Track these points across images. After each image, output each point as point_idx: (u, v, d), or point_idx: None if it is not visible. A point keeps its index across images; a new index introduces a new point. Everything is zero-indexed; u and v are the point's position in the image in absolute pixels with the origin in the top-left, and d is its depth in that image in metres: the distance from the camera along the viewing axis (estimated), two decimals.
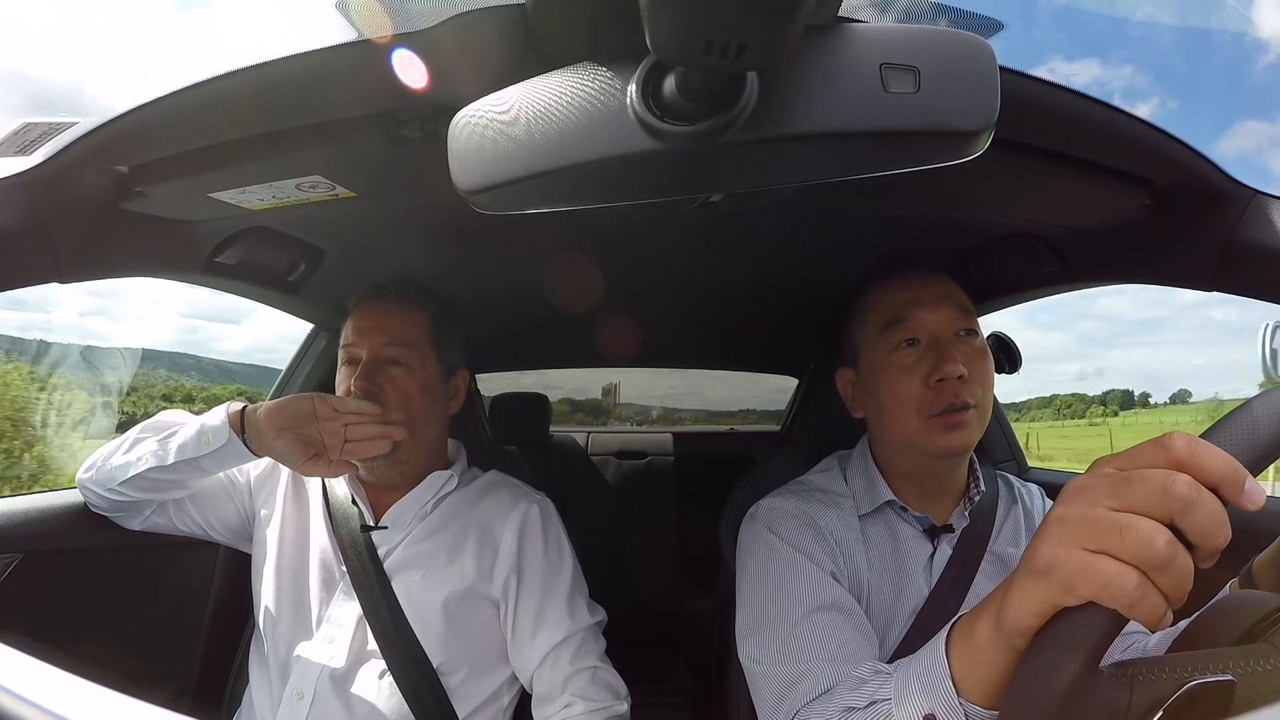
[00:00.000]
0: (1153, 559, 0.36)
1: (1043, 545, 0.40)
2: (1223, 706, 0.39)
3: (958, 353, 0.76)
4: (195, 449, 0.84)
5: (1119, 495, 0.38)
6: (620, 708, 0.88)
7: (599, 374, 3.33)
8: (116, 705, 0.30)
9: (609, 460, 2.35)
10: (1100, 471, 0.41)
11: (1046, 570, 0.40)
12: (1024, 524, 0.86)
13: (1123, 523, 0.37)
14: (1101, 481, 0.40)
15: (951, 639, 0.50)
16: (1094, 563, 0.37)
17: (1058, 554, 0.39)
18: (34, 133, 0.64)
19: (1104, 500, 0.39)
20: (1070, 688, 0.37)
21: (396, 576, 0.90)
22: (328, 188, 0.72)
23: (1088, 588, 0.37)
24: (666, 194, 0.42)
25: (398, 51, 0.50)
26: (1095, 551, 0.38)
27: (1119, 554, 0.37)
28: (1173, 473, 0.37)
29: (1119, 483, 0.39)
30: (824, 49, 0.36)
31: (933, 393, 0.76)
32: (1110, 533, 0.37)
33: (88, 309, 49.81)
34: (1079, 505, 0.40)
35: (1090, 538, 0.38)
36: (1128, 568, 0.36)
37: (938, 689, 0.48)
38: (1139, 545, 0.36)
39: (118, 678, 0.30)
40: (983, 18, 0.45)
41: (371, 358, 0.92)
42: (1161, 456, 0.38)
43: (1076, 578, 0.38)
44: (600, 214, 0.73)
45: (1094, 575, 0.37)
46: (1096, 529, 0.38)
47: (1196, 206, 0.66)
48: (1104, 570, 0.37)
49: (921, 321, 0.78)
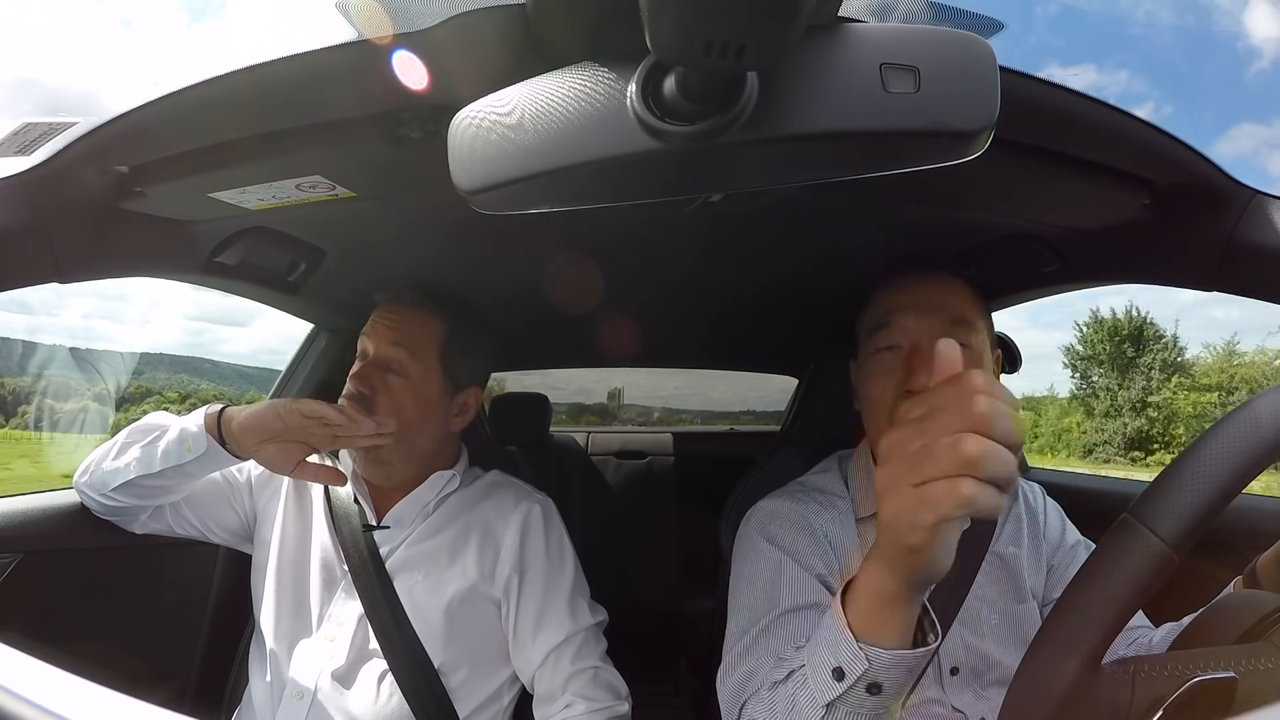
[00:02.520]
0: (969, 458, 0.41)
1: (881, 508, 0.46)
2: (1225, 704, 0.39)
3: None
4: (178, 456, 0.84)
5: (917, 436, 0.44)
6: (621, 708, 0.88)
7: (603, 377, 3.34)
8: (116, 705, 0.30)
9: (609, 460, 2.35)
10: (892, 436, 0.46)
11: (892, 521, 0.45)
12: (1025, 522, 0.86)
13: (928, 448, 0.42)
14: (898, 436, 0.45)
15: (844, 603, 0.53)
16: (924, 490, 0.42)
17: (891, 504, 0.44)
18: (34, 133, 0.64)
19: (910, 442, 0.44)
20: (1070, 687, 0.37)
21: (398, 576, 0.90)
22: (328, 188, 0.71)
23: (932, 512, 0.42)
24: (667, 194, 0.42)
25: (398, 52, 0.49)
26: (919, 483, 0.42)
27: (940, 473, 0.42)
28: (971, 395, 0.42)
29: (912, 429, 0.44)
30: (824, 49, 0.36)
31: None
32: (922, 461, 0.42)
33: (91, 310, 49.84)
34: (890, 462, 0.45)
35: (911, 472, 0.43)
36: (954, 478, 0.41)
37: (839, 641, 0.51)
38: (951, 456, 0.41)
39: (118, 678, 0.30)
40: (983, 18, 0.45)
41: (376, 357, 0.92)
42: (950, 389, 0.44)
43: (918, 510, 0.42)
44: (600, 214, 0.73)
45: (930, 498, 0.42)
46: (911, 464, 0.43)
47: (1196, 206, 0.66)
48: (935, 490, 0.42)
49: (904, 328, 0.77)
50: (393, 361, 0.92)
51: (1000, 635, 0.79)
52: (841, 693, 0.50)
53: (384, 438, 0.87)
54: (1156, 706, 0.38)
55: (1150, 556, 0.43)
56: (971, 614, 0.79)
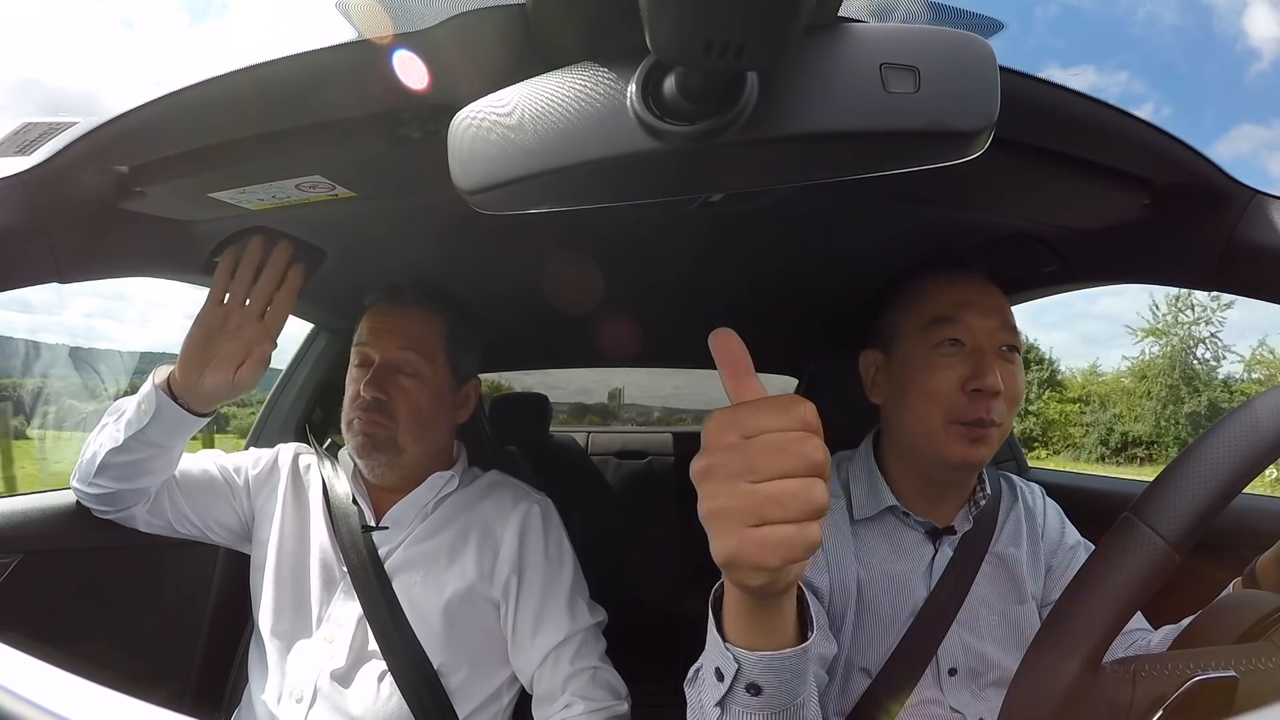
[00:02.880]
0: (821, 507, 0.39)
1: (715, 543, 0.41)
2: (1225, 703, 0.39)
3: (999, 367, 0.75)
4: (138, 421, 0.81)
5: (757, 469, 0.39)
6: (620, 708, 0.88)
7: (603, 378, 3.35)
8: (116, 705, 0.30)
9: (609, 460, 2.35)
10: (721, 444, 0.41)
11: (730, 564, 0.41)
12: (1025, 523, 0.86)
13: (778, 493, 0.39)
14: (729, 458, 0.40)
15: (716, 602, 0.52)
16: (767, 533, 0.39)
17: (729, 545, 0.40)
18: (34, 133, 0.64)
19: (744, 476, 0.39)
20: (1071, 687, 0.37)
21: (397, 577, 0.90)
22: (328, 188, 0.71)
23: (777, 558, 0.39)
24: (666, 194, 0.42)
25: (398, 52, 0.49)
26: (759, 525, 0.39)
27: (786, 519, 0.39)
28: (807, 436, 0.40)
29: (753, 455, 0.40)
30: (824, 49, 0.36)
31: (965, 399, 0.75)
32: (769, 506, 0.39)
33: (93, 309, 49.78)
34: (722, 490, 0.40)
35: (748, 514, 0.39)
36: (798, 525, 0.39)
37: (712, 643, 0.51)
38: (805, 505, 0.38)
39: (118, 678, 0.30)
40: (983, 18, 0.45)
41: (384, 362, 0.91)
42: (779, 418, 0.40)
43: (762, 555, 0.39)
44: (600, 214, 0.73)
45: (775, 544, 0.39)
46: (747, 506, 0.39)
47: (1196, 206, 0.66)
48: (782, 535, 0.39)
49: (970, 325, 0.77)
50: (404, 364, 0.92)
51: (999, 636, 0.79)
52: (724, 693, 0.49)
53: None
54: (1157, 706, 0.38)
55: (1151, 555, 0.43)
56: (970, 615, 0.79)
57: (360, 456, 0.93)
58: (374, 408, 0.89)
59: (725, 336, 0.46)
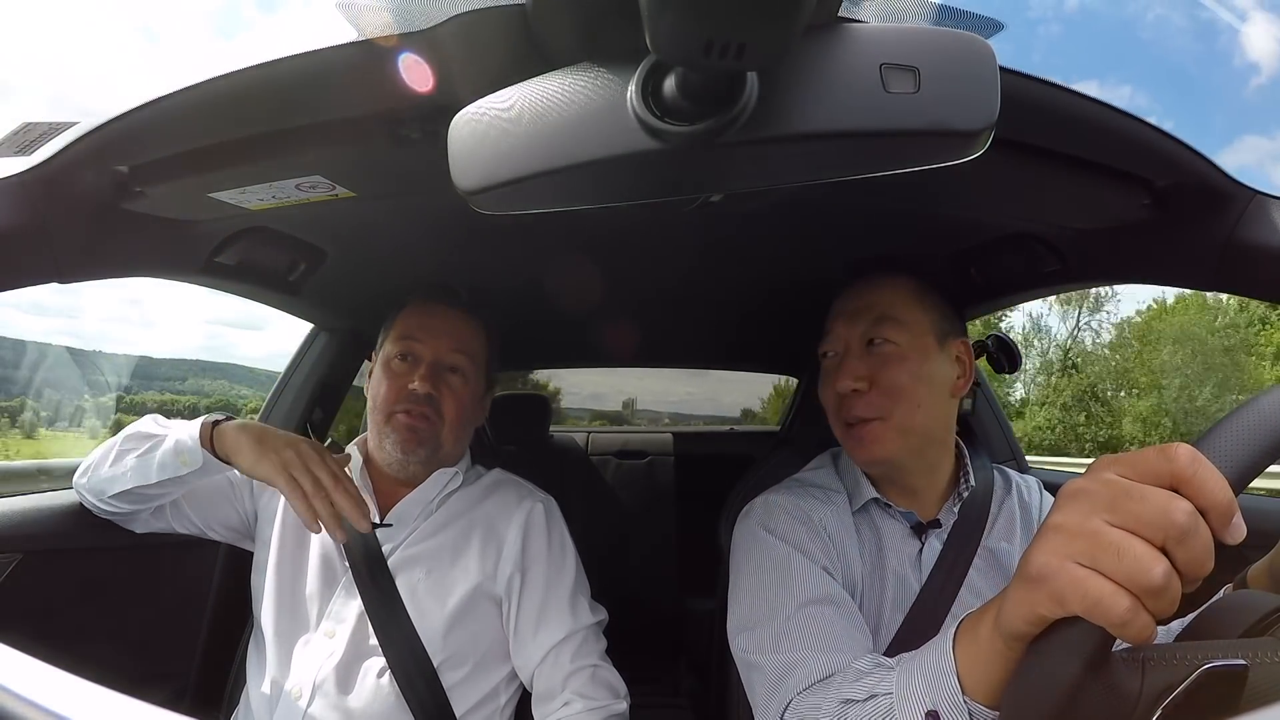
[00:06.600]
0: (1148, 586, 0.35)
1: (1037, 552, 0.39)
2: (1234, 693, 0.38)
3: (862, 364, 0.78)
4: (175, 469, 0.82)
5: (1117, 509, 0.37)
6: (619, 706, 0.88)
7: (615, 386, 3.37)
8: (116, 705, 0.30)
9: (609, 460, 2.35)
10: (1101, 476, 0.39)
11: (1039, 579, 0.39)
12: (1019, 517, 0.86)
13: (1121, 543, 0.36)
14: (1101, 489, 0.38)
15: (958, 636, 0.49)
16: (1086, 579, 0.36)
17: (1050, 564, 0.38)
18: (34, 133, 0.64)
19: (1102, 512, 0.37)
20: (1071, 687, 0.37)
21: (400, 574, 0.90)
22: (328, 188, 0.71)
23: (1079, 604, 0.36)
24: (667, 194, 0.42)
25: (398, 52, 0.50)
26: (1088, 568, 0.37)
27: (1113, 575, 0.36)
28: (1175, 496, 0.36)
29: (1119, 495, 0.37)
30: (824, 49, 0.36)
31: (841, 403, 0.80)
32: (1107, 551, 0.36)
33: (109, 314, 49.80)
34: (1076, 514, 0.39)
35: (1085, 552, 0.37)
36: (1120, 590, 0.35)
37: (942, 685, 0.47)
38: (1136, 571, 0.35)
39: (118, 678, 0.30)
40: (983, 18, 0.45)
41: (435, 360, 0.93)
42: (1165, 468, 0.37)
43: (1068, 592, 0.37)
44: (600, 214, 0.73)
45: (1085, 593, 0.36)
46: (1093, 544, 0.37)
47: (1196, 206, 0.66)
48: (1097, 589, 0.36)
49: (836, 335, 0.83)
50: (457, 365, 0.95)
51: None
52: None
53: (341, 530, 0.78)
54: (1167, 693, 0.38)
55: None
56: (964, 609, 0.79)
57: (401, 451, 0.93)
58: (426, 402, 0.91)
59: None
